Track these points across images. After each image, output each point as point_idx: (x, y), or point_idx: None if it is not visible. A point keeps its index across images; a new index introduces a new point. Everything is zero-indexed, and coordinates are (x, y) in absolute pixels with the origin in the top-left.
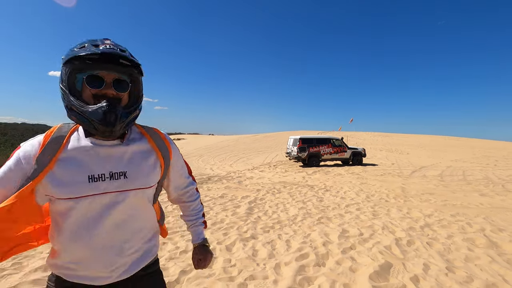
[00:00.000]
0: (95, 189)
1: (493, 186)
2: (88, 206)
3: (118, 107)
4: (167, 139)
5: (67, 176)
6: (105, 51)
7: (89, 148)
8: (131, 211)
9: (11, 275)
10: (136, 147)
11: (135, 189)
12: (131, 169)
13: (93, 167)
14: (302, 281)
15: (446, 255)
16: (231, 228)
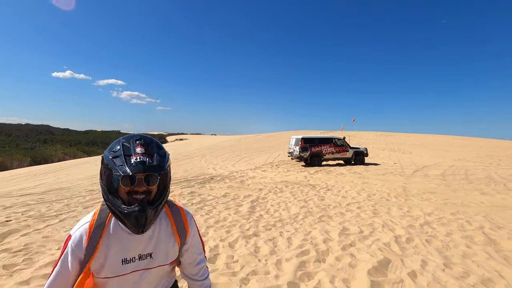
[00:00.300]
0: (126, 269)
1: (494, 185)
2: (120, 280)
3: (147, 209)
4: (187, 219)
5: (106, 260)
6: (135, 169)
7: (125, 236)
8: (153, 282)
9: (23, 270)
10: (162, 231)
11: (158, 266)
12: (156, 250)
13: (126, 252)
14: (302, 276)
15: (444, 251)
16: (233, 226)
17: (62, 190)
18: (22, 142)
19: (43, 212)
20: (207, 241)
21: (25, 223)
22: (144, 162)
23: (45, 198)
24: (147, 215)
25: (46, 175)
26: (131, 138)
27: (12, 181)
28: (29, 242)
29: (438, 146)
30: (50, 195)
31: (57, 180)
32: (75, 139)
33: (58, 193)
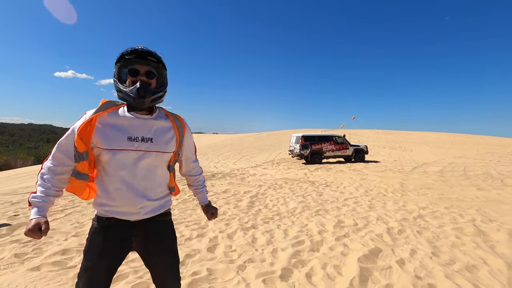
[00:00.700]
0: (131, 146)
1: (491, 181)
2: (125, 156)
3: (147, 87)
4: (184, 124)
5: (113, 134)
6: (138, 50)
7: (130, 118)
8: (153, 167)
9: (33, 258)
10: (162, 123)
11: (157, 151)
12: (156, 137)
13: (131, 131)
14: (296, 263)
15: (434, 242)
16: (232, 219)
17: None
18: (26, 142)
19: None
20: (207, 233)
21: None
22: (143, 50)
23: None
24: (146, 90)
25: None
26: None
27: (17, 180)
28: None
29: (440, 144)
30: None
31: None
32: None
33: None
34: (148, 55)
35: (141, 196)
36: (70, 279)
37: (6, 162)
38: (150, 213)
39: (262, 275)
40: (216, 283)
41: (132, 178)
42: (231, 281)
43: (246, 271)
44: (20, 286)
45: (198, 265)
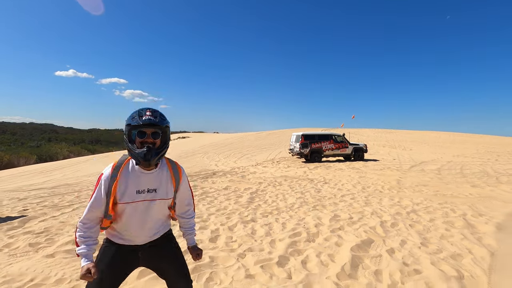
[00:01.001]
0: (139, 197)
1: (486, 179)
2: (135, 206)
3: (152, 150)
4: (181, 170)
5: (125, 189)
6: (145, 123)
7: (138, 173)
8: (158, 211)
9: (46, 247)
10: (163, 174)
11: (160, 199)
12: (159, 187)
13: (139, 185)
14: (293, 252)
15: (424, 234)
16: (233, 213)
17: (71, 185)
18: (27, 141)
19: (56, 203)
20: (209, 226)
21: (42, 212)
22: (151, 119)
23: (56, 192)
24: (152, 153)
25: (52, 172)
26: (142, 109)
27: (21, 178)
28: (48, 226)
29: (439, 143)
30: (60, 189)
31: (64, 177)
32: (78, 137)
33: (67, 187)
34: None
35: (146, 231)
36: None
37: (9, 161)
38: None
39: (260, 262)
40: (218, 269)
41: (140, 222)
42: (232, 267)
43: (246, 258)
44: (37, 270)
45: None
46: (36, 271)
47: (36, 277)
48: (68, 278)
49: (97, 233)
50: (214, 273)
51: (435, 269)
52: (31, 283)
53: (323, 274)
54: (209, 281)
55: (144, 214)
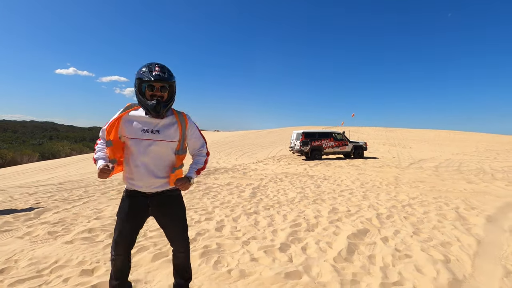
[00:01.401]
0: (143, 136)
1: (483, 175)
2: (140, 143)
3: (161, 103)
4: (186, 118)
5: (133, 127)
6: (156, 78)
7: (145, 117)
8: (160, 153)
9: (64, 235)
10: (168, 120)
11: (163, 140)
12: (162, 130)
13: (144, 125)
14: (293, 240)
15: (417, 225)
16: (236, 206)
17: (76, 181)
18: (28, 139)
19: (66, 197)
20: (214, 217)
21: (54, 205)
22: (160, 75)
23: (63, 187)
24: (161, 105)
25: (56, 169)
26: (151, 63)
27: (25, 175)
28: (62, 217)
29: (439, 141)
30: (66, 185)
31: (67, 174)
32: (79, 135)
33: (73, 183)
34: (163, 79)
35: (151, 174)
36: (101, 249)
37: (13, 158)
38: (159, 188)
39: (263, 248)
40: (224, 254)
41: (145, 160)
42: (237, 252)
43: (250, 245)
44: (59, 255)
45: (208, 241)
46: (59, 255)
47: (59, 260)
48: (88, 260)
49: None
50: (221, 257)
51: (424, 254)
52: (56, 264)
53: (321, 258)
54: (217, 263)
55: (148, 151)
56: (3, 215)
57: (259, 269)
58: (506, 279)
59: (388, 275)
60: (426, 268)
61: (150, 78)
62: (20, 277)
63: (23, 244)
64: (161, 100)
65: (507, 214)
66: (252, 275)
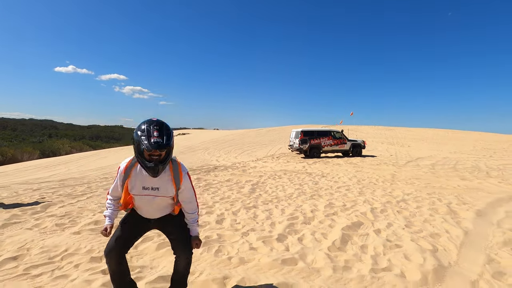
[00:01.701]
0: (144, 192)
1: (477, 173)
2: (142, 198)
3: (159, 165)
4: (181, 174)
5: (134, 184)
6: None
7: (145, 175)
8: (162, 204)
9: (71, 227)
10: (165, 177)
11: (161, 196)
12: (161, 186)
13: (145, 183)
14: (290, 231)
15: (409, 218)
16: (236, 201)
17: (78, 179)
18: (28, 137)
19: (70, 193)
20: (214, 211)
21: (58, 199)
22: (158, 142)
23: (66, 184)
24: (158, 168)
25: (57, 167)
26: (151, 124)
27: (26, 172)
28: (68, 211)
29: (438, 140)
30: (68, 182)
31: (68, 171)
32: (79, 133)
33: (75, 180)
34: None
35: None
36: (108, 239)
37: (13, 156)
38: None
39: (262, 238)
40: (225, 243)
41: (149, 209)
42: (237, 242)
43: (249, 236)
44: (68, 244)
45: (209, 232)
46: (68, 244)
47: (69, 248)
48: (96, 249)
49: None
50: (222, 246)
51: (414, 244)
52: (66, 252)
53: (316, 248)
54: (218, 252)
55: (150, 204)
56: (10, 208)
57: (258, 257)
58: (488, 265)
59: (378, 262)
60: (414, 256)
61: (149, 147)
62: (34, 263)
63: (33, 235)
64: (158, 160)
65: (496, 209)
66: (251, 261)
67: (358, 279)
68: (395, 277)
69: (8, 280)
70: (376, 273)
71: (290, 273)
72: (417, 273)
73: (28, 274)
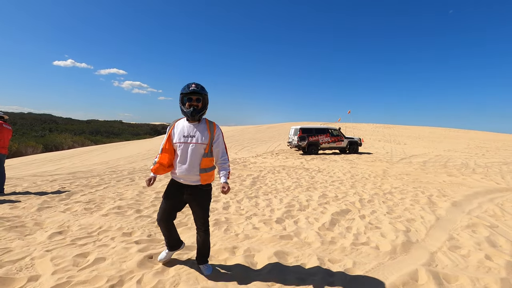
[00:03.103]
0: (185, 140)
1: (464, 170)
2: (181, 145)
3: (195, 110)
4: (216, 127)
5: (176, 133)
6: (191, 91)
7: (186, 124)
8: (195, 152)
9: (98, 211)
10: (202, 127)
11: (196, 143)
12: (196, 135)
13: (185, 132)
14: (287, 216)
15: (392, 207)
16: (239, 192)
17: (85, 172)
18: (29, 131)
19: (86, 183)
20: (220, 200)
21: (78, 189)
22: (194, 89)
23: (77, 176)
24: (195, 112)
25: (61, 161)
26: (190, 83)
27: (32, 165)
28: (91, 198)
29: (434, 138)
30: (79, 174)
31: (73, 165)
32: (78, 128)
33: (84, 173)
34: (197, 92)
35: (187, 171)
36: (133, 220)
37: (17, 149)
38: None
39: (263, 221)
40: (232, 224)
41: (185, 159)
42: (242, 223)
43: (252, 219)
44: (101, 223)
45: (217, 216)
46: (100, 223)
47: (102, 226)
48: (126, 227)
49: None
50: (230, 226)
51: (391, 226)
52: (100, 229)
53: (309, 228)
54: (226, 231)
55: (186, 152)
56: (38, 196)
57: (260, 234)
58: (448, 242)
59: (359, 238)
60: (389, 234)
61: (187, 90)
62: (76, 236)
63: (67, 216)
64: (196, 108)
65: (471, 201)
66: (255, 237)
67: (340, 249)
68: (370, 249)
69: (61, 247)
70: (355, 246)
71: (287, 245)
72: (389, 246)
73: (75, 244)
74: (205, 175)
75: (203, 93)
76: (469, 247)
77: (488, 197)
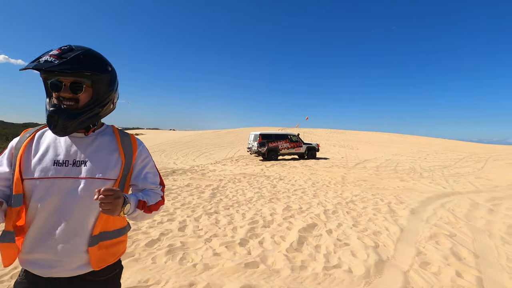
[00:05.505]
0: (58, 172)
1: (413, 174)
2: (50, 185)
3: (59, 114)
4: (136, 143)
5: (35, 160)
6: (49, 68)
7: (64, 139)
8: (85, 200)
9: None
10: (104, 142)
11: (92, 178)
12: (93, 159)
13: (60, 153)
14: (251, 235)
15: (356, 218)
16: (197, 207)
17: None
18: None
19: None
20: (176, 218)
21: None
22: (54, 61)
23: None
24: (58, 119)
25: None
26: (50, 50)
27: None
28: None
29: (382, 143)
30: None
31: None
32: (12, 132)
33: None
34: (60, 63)
35: (66, 242)
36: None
37: None
38: (76, 269)
39: (225, 244)
40: (189, 251)
41: (59, 216)
42: (201, 249)
43: (212, 242)
44: None
45: (172, 240)
46: None
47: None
48: None
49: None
50: (186, 253)
51: (359, 242)
52: None
53: (275, 250)
54: (182, 260)
55: (63, 199)
56: None
57: (222, 262)
58: (417, 257)
59: (330, 260)
60: (360, 253)
61: (41, 65)
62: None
63: None
64: (64, 109)
65: (426, 207)
66: (215, 267)
67: (312, 277)
68: (343, 272)
69: None
70: (328, 270)
71: (253, 276)
72: (362, 268)
73: None
74: (102, 250)
75: (85, 69)
76: (438, 262)
77: (439, 202)
